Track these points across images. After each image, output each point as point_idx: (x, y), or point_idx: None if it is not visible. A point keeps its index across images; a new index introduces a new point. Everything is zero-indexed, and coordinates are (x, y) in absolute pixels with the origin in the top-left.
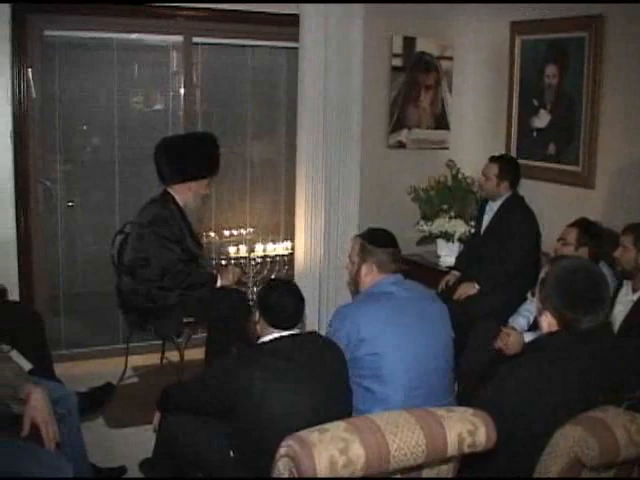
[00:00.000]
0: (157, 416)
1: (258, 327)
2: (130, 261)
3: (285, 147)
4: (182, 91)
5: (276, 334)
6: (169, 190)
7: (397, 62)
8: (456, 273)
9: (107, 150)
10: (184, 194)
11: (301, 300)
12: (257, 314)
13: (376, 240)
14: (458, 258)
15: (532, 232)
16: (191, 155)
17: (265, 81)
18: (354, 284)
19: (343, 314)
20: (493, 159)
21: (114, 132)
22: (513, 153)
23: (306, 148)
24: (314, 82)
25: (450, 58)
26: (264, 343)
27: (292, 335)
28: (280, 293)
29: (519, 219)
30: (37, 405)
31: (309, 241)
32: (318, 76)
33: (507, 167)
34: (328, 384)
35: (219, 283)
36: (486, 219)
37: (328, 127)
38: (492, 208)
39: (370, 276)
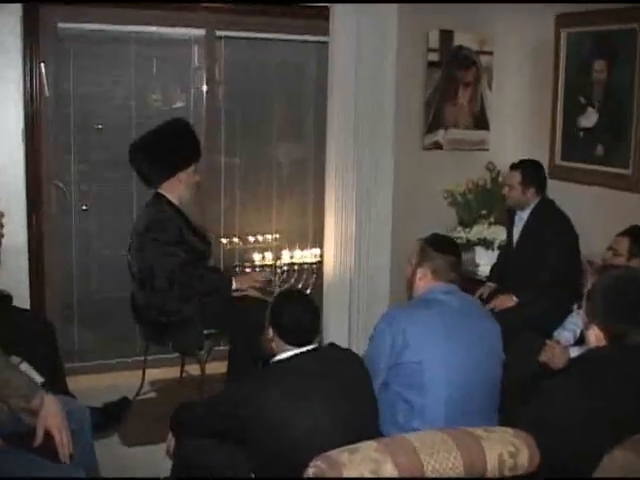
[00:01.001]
0: (170, 439)
1: (273, 345)
2: (137, 273)
3: (314, 148)
4: (204, 88)
5: (292, 351)
6: (160, 191)
7: (433, 57)
8: (491, 285)
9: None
10: (176, 189)
11: (317, 313)
12: (270, 331)
13: (436, 245)
14: (493, 269)
15: (568, 237)
16: (170, 145)
17: (293, 78)
18: (408, 287)
19: (391, 316)
20: (513, 166)
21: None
22: (557, 154)
23: (336, 149)
24: (345, 79)
25: (490, 53)
26: (280, 361)
27: (310, 350)
28: (294, 309)
29: (553, 225)
30: (50, 412)
31: (339, 248)
32: (349, 72)
33: (530, 172)
34: (353, 399)
35: (234, 285)
36: (516, 231)
37: (360, 127)
38: (522, 218)
39: (424, 281)
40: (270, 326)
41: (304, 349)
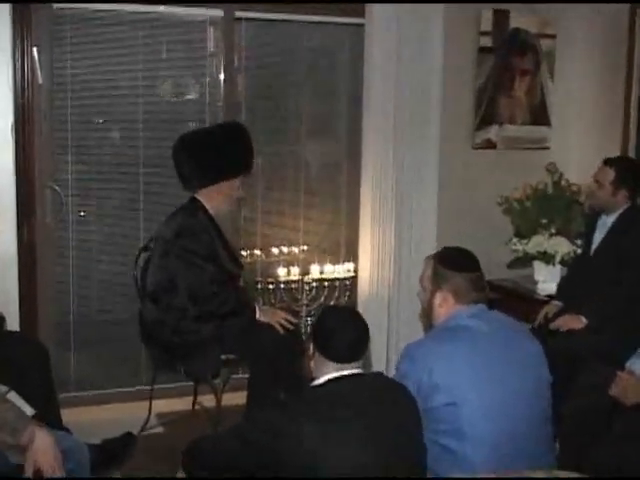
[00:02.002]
0: (181, 477)
1: (312, 363)
2: (153, 284)
3: (347, 147)
4: (221, 77)
5: (334, 373)
6: (197, 197)
7: (486, 42)
8: (557, 303)
9: (129, 148)
10: (215, 199)
11: (365, 328)
12: (311, 347)
13: (452, 262)
14: (560, 285)
15: None
16: (219, 150)
17: (323, 66)
18: (426, 315)
19: (412, 355)
20: (608, 162)
21: (138, 126)
22: (631, 153)
23: (373, 148)
24: (383, 67)
25: (552, 36)
26: (317, 387)
27: (353, 375)
28: (339, 318)
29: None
30: (42, 447)
31: (376, 262)
32: (388, 60)
33: (626, 173)
34: (397, 437)
35: (258, 316)
36: (597, 237)
37: (400, 123)
38: (605, 223)
39: (445, 307)
40: (311, 340)
41: (346, 372)
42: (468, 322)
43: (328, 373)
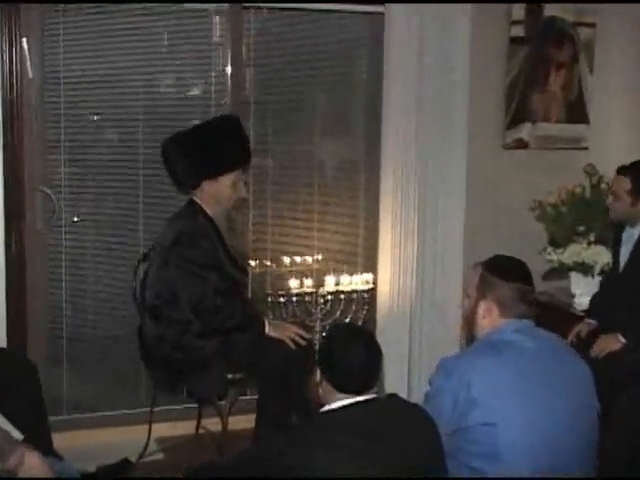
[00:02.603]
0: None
1: (321, 391)
2: (152, 297)
3: (365, 147)
4: (228, 71)
5: (346, 400)
6: (195, 199)
7: (518, 31)
8: (591, 322)
9: (127, 148)
10: (213, 198)
11: (377, 353)
12: (319, 374)
13: (501, 270)
14: (592, 301)
15: None
16: (212, 143)
17: (339, 58)
18: (468, 326)
19: (449, 368)
20: (622, 170)
21: (137, 124)
22: None
23: (393, 149)
24: (405, 59)
25: (591, 25)
26: (329, 412)
27: (367, 401)
28: (348, 345)
29: None
30: (34, 471)
31: (397, 273)
32: (411, 51)
33: None
34: (415, 466)
35: (267, 331)
36: (624, 251)
37: (423, 121)
38: (631, 236)
39: (488, 318)
40: (319, 368)
41: (360, 398)
42: (513, 337)
43: (340, 400)
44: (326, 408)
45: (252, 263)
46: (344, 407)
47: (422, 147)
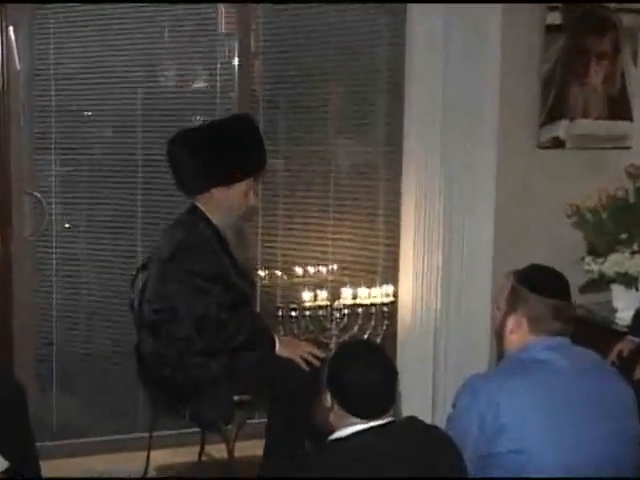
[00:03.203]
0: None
1: (332, 416)
2: (150, 313)
3: (385, 147)
4: (235, 63)
5: (359, 426)
6: (197, 205)
7: (554, 19)
8: (634, 339)
9: (125, 147)
10: (220, 207)
11: (393, 373)
12: (328, 397)
13: (535, 283)
14: (636, 317)
15: None
16: (224, 147)
17: (357, 51)
18: (497, 340)
19: (476, 387)
20: None
21: (135, 121)
22: None
23: (417, 149)
24: (429, 52)
25: (637, 11)
26: (341, 440)
27: (383, 426)
28: (360, 365)
29: None
30: None
31: (420, 284)
32: (436, 43)
33: None
34: None
35: (277, 349)
36: None
37: (449, 118)
38: None
39: (518, 334)
40: (328, 391)
41: (374, 423)
42: (545, 355)
43: (353, 425)
44: (338, 435)
45: (261, 274)
46: (358, 433)
47: (448, 148)
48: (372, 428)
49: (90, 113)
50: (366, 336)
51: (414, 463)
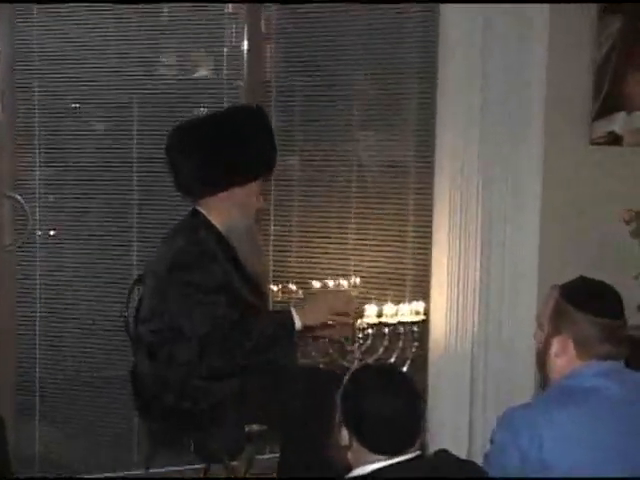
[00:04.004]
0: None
1: (350, 454)
2: (148, 333)
3: (415, 144)
4: (244, 47)
5: (382, 462)
6: (199, 209)
7: None
8: None
9: (118, 144)
10: (225, 211)
11: (418, 400)
12: (345, 434)
13: (584, 301)
14: None
15: None
16: (229, 144)
17: (384, 36)
18: (540, 364)
19: (517, 420)
20: None
21: (130, 114)
22: None
23: (452, 146)
24: (465, 37)
25: None
26: (360, 478)
27: (409, 461)
28: (379, 394)
29: None
30: None
31: (455, 301)
32: (472, 27)
33: None
34: None
35: (298, 324)
36: None
37: (489, 112)
38: None
39: (564, 358)
40: (344, 427)
41: (399, 459)
42: (594, 382)
43: (374, 462)
44: (357, 472)
45: (273, 288)
46: (381, 470)
47: (487, 145)
48: (397, 464)
49: (78, 105)
50: (393, 359)
51: None
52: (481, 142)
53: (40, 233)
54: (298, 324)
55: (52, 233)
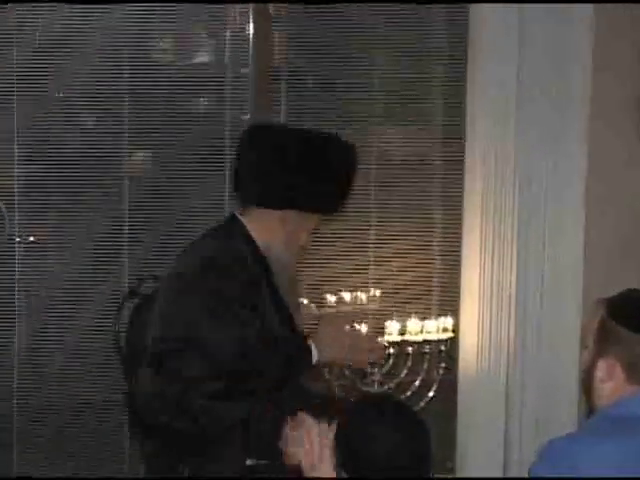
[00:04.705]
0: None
1: None
2: (157, 342)
3: (443, 136)
4: (249, 30)
5: None
6: (241, 217)
7: None
8: None
9: (107, 138)
10: (270, 229)
11: (424, 441)
12: (341, 474)
13: (633, 318)
14: None
15: None
16: (318, 167)
17: (406, 13)
18: (585, 388)
19: (556, 452)
20: None
21: (122, 105)
22: None
23: (484, 142)
24: (499, 19)
25: None
26: None
27: None
28: (379, 430)
29: None
30: None
31: (487, 317)
32: (508, 10)
33: None
34: None
35: (315, 358)
36: None
37: (526, 99)
38: None
39: (611, 383)
40: (342, 471)
41: None
42: None
43: None
44: None
45: None
46: None
47: (524, 138)
48: None
49: (61, 95)
50: (417, 382)
51: None
52: (517, 135)
53: (19, 239)
54: (315, 358)
55: (32, 239)
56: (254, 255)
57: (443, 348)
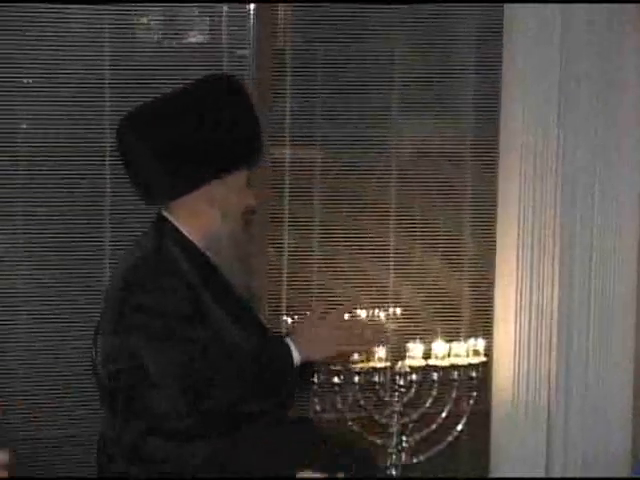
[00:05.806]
0: None
1: None
2: (105, 377)
3: (474, 132)
4: (250, 9)
5: None
6: (166, 214)
7: None
8: None
9: (87, 131)
10: (201, 216)
11: None
12: None
13: None
14: None
15: None
16: (199, 128)
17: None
18: None
19: None
20: None
21: (102, 91)
22: None
23: (522, 135)
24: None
25: None
26: None
27: None
28: None
29: None
30: None
31: (526, 339)
32: None
33: None
34: None
35: (296, 358)
36: None
37: (571, 88)
38: None
39: None
40: None
41: None
42: None
43: None
44: None
45: (288, 320)
46: None
47: (569, 132)
48: None
49: (31, 81)
50: (444, 414)
51: None
52: (560, 128)
53: None
54: (297, 359)
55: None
56: (188, 255)
57: (474, 374)
